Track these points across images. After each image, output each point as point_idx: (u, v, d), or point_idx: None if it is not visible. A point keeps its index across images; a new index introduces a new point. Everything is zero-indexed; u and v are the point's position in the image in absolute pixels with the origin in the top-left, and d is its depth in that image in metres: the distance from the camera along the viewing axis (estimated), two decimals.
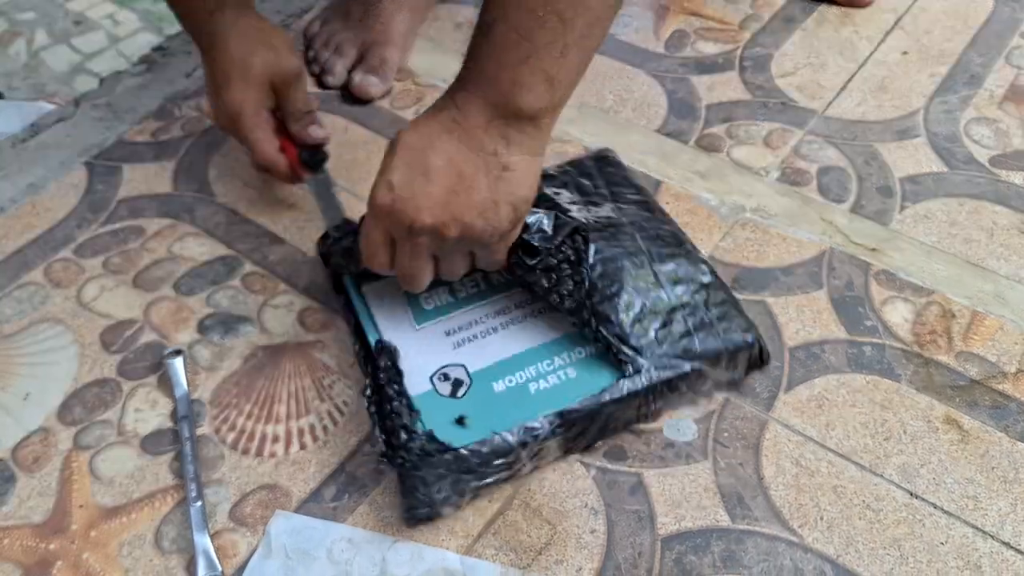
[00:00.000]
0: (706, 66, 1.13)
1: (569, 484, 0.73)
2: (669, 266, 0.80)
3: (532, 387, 0.74)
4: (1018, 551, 0.69)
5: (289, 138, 0.91)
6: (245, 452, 0.76)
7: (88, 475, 0.75)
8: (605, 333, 0.74)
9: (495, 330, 0.78)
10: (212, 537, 0.70)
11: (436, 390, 0.74)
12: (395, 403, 0.71)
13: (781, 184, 0.97)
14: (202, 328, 0.85)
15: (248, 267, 0.90)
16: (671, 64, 1.14)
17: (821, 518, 0.71)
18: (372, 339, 0.77)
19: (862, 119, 1.05)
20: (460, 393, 0.74)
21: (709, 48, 1.16)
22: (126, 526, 0.71)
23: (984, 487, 0.73)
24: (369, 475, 0.74)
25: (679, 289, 0.79)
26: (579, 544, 0.70)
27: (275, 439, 0.77)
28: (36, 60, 1.42)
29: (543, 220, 0.75)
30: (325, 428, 0.77)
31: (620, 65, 1.13)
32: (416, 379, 0.74)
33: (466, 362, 0.76)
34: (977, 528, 0.71)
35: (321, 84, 1.11)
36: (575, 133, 1.04)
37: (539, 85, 0.65)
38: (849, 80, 1.09)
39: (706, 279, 0.80)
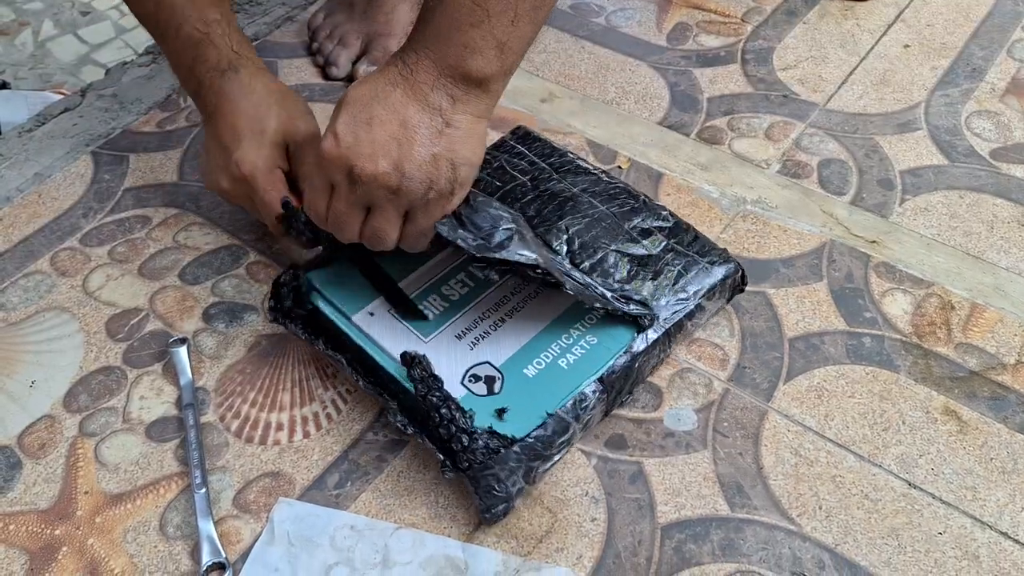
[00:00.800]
0: (708, 59, 1.14)
1: (570, 473, 0.74)
2: (635, 220, 0.84)
3: (562, 362, 0.75)
4: (1016, 541, 0.70)
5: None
6: (249, 440, 0.77)
7: (93, 462, 0.75)
8: (609, 298, 0.76)
9: (503, 321, 0.78)
10: (216, 524, 0.71)
11: (472, 392, 0.73)
12: (443, 410, 0.69)
13: (782, 176, 0.98)
14: (207, 317, 0.86)
15: (253, 256, 0.91)
16: (673, 57, 1.14)
17: (820, 507, 0.72)
18: (384, 363, 0.74)
19: (863, 112, 1.05)
20: (496, 388, 0.73)
21: (711, 41, 1.16)
22: (131, 512, 0.72)
23: (982, 478, 0.73)
24: (372, 463, 0.75)
25: (652, 238, 0.82)
26: (580, 532, 0.71)
27: (279, 427, 0.77)
28: (43, 50, 1.42)
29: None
30: (329, 416, 0.78)
31: (623, 58, 1.14)
32: (448, 387, 0.71)
33: (489, 358, 0.75)
34: (975, 518, 0.71)
35: (325, 76, 1.11)
36: (578, 125, 1.04)
37: (490, 51, 0.67)
38: (851, 73, 1.10)
39: (670, 222, 0.84)
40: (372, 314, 0.78)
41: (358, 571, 0.68)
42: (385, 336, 0.76)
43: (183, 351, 0.81)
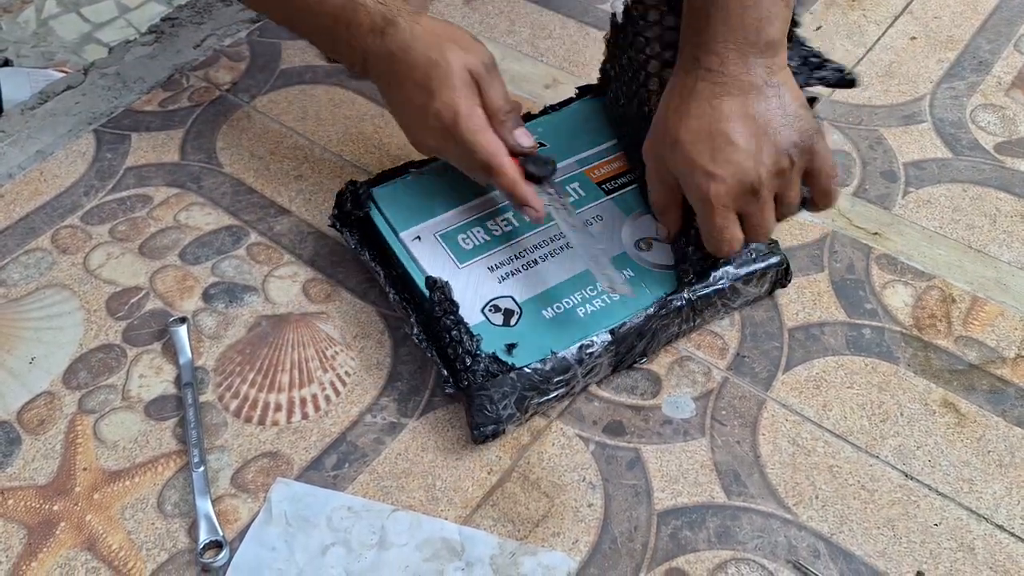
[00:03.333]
0: None
1: (568, 458, 0.74)
2: None
3: (580, 311, 0.78)
4: (1011, 534, 0.70)
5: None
6: (248, 420, 0.77)
7: (92, 438, 0.76)
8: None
9: (536, 262, 0.81)
10: (214, 502, 0.71)
11: (489, 320, 0.77)
12: (454, 332, 0.74)
13: None
14: (207, 297, 0.86)
15: (254, 237, 0.91)
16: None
17: (816, 497, 0.72)
18: (419, 280, 0.79)
19: (868, 103, 1.05)
20: (513, 321, 0.77)
21: None
22: (129, 489, 0.72)
23: (979, 470, 0.74)
24: (370, 445, 0.75)
25: None
26: (576, 517, 0.71)
27: (277, 407, 0.77)
28: (45, 28, 1.42)
29: None
30: (327, 398, 0.78)
31: None
32: (467, 312, 0.77)
33: (513, 293, 0.79)
34: (971, 510, 0.71)
35: (330, 58, 1.11)
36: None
37: (778, 9, 0.72)
38: (856, 64, 1.10)
39: None
40: (419, 238, 0.82)
41: (355, 552, 0.68)
42: (425, 257, 0.81)
43: (183, 330, 0.82)
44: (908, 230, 0.91)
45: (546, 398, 0.75)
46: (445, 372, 0.74)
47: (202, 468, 0.72)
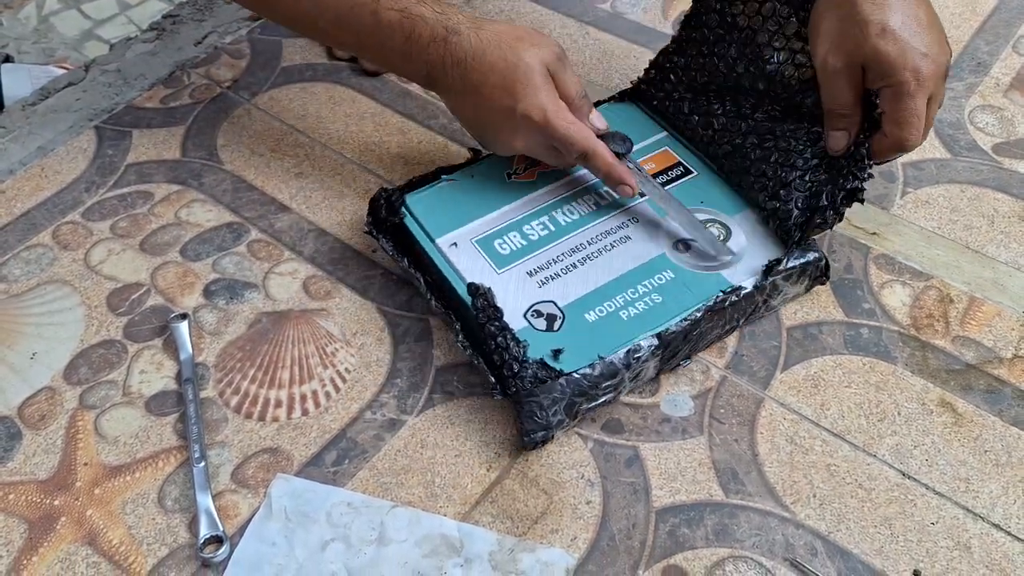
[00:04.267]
0: None
1: (566, 455, 0.74)
2: None
3: (623, 314, 0.77)
4: (1008, 533, 0.70)
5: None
6: (248, 416, 0.77)
7: (93, 434, 0.76)
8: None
9: (575, 266, 0.81)
10: (214, 498, 0.71)
11: (532, 326, 0.77)
12: (499, 338, 0.74)
13: None
14: (208, 293, 0.86)
15: (254, 234, 0.91)
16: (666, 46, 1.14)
17: (814, 495, 0.72)
18: (458, 286, 0.79)
19: None
20: (556, 326, 0.77)
21: None
22: (130, 484, 0.73)
23: (976, 469, 0.74)
24: (370, 442, 0.75)
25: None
26: (575, 514, 0.71)
27: (278, 404, 0.78)
28: (46, 25, 1.42)
29: None
30: (327, 395, 0.78)
31: (627, 44, 1.13)
32: (510, 318, 0.76)
33: (555, 298, 0.79)
34: (968, 509, 0.72)
35: (331, 55, 1.11)
36: None
37: None
38: None
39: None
40: (456, 244, 0.83)
41: (354, 547, 0.68)
42: (463, 263, 0.81)
43: (184, 326, 0.82)
44: (906, 230, 0.91)
45: (594, 403, 0.75)
46: (492, 379, 0.74)
47: (203, 464, 0.72)
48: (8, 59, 1.22)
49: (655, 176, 0.88)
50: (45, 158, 0.99)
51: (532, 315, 0.77)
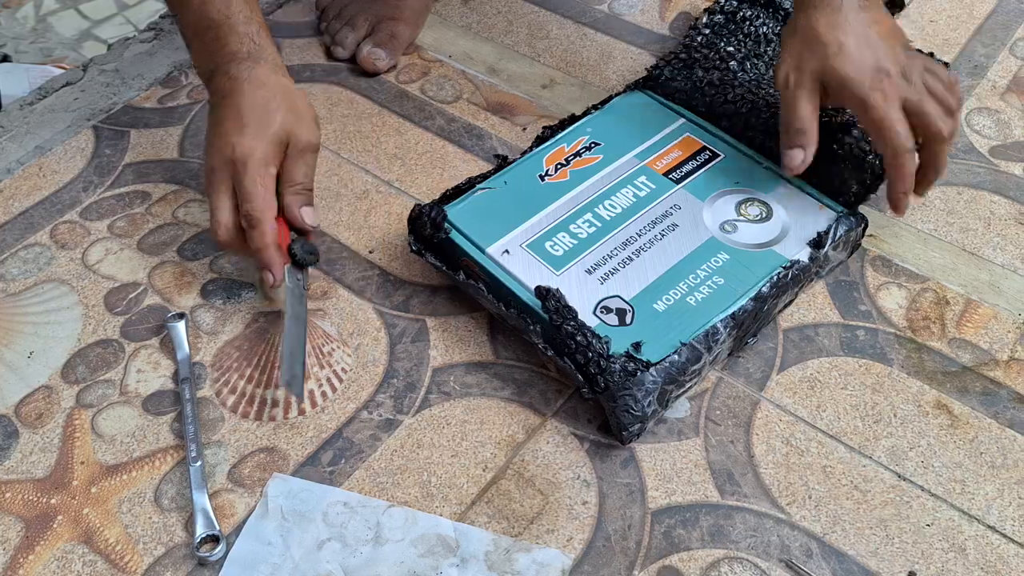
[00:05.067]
0: None
1: (562, 456, 0.75)
2: None
3: (690, 300, 0.78)
4: (1003, 535, 0.70)
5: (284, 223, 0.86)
6: (245, 415, 0.77)
7: (90, 433, 0.76)
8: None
9: (631, 259, 0.82)
10: (210, 497, 0.71)
11: (604, 322, 0.77)
12: (579, 337, 0.74)
13: None
14: (205, 293, 0.86)
15: None
16: (675, 46, 1.14)
17: (809, 497, 0.72)
18: (521, 293, 0.79)
19: None
20: (628, 320, 0.77)
21: None
22: (126, 483, 0.73)
23: (972, 472, 0.74)
24: (366, 441, 0.75)
25: None
26: (570, 515, 0.71)
27: (274, 403, 0.78)
28: (44, 24, 1.42)
29: None
30: (324, 394, 0.78)
31: (624, 46, 1.14)
32: (580, 318, 0.76)
33: (619, 292, 0.79)
34: (963, 511, 0.72)
35: (330, 55, 1.12)
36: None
37: None
38: None
39: None
40: (507, 251, 0.82)
41: (350, 547, 0.69)
42: (519, 269, 0.81)
43: (181, 326, 0.82)
44: (903, 232, 0.91)
45: (682, 390, 0.76)
46: (580, 378, 0.74)
47: (199, 463, 0.73)
48: (6, 59, 1.22)
49: (667, 174, 0.89)
50: (43, 157, 0.99)
51: (601, 312, 0.77)
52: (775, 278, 0.79)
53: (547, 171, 0.89)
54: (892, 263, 0.89)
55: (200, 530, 0.69)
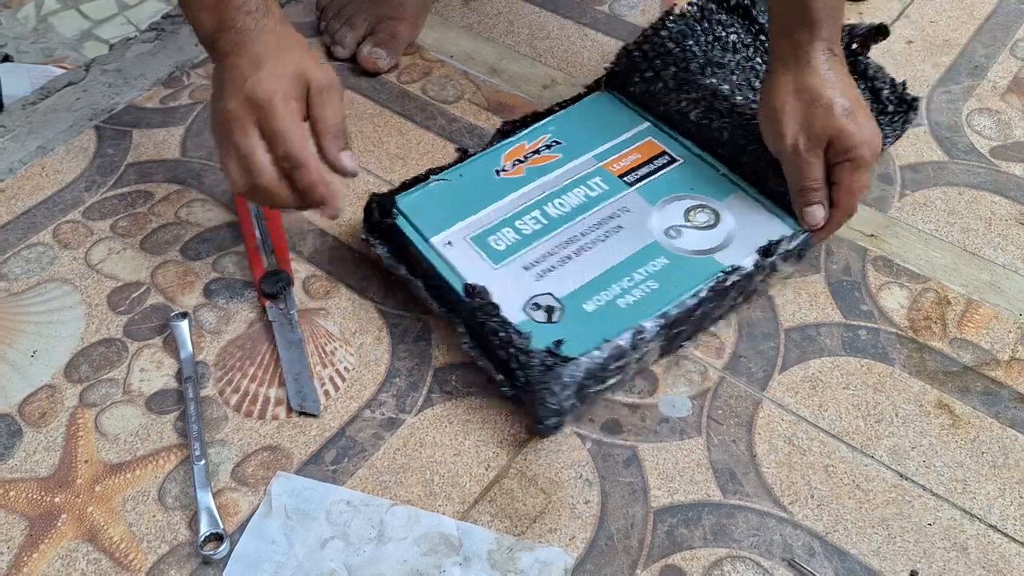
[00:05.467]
0: None
1: (565, 455, 0.75)
2: None
3: (621, 302, 0.79)
4: (1004, 534, 0.70)
5: (260, 260, 0.87)
6: (248, 414, 0.77)
7: (93, 431, 0.76)
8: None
9: (570, 258, 0.82)
10: (214, 495, 0.71)
11: (532, 319, 0.77)
12: (501, 333, 0.75)
13: None
14: (207, 292, 0.86)
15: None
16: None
17: (811, 496, 0.73)
18: (456, 285, 0.80)
19: None
20: (555, 317, 0.78)
21: None
22: (130, 482, 0.73)
23: (973, 471, 0.74)
24: (369, 440, 0.75)
25: None
26: (573, 514, 0.71)
27: (278, 402, 0.78)
28: (45, 25, 1.42)
29: None
30: (327, 393, 0.78)
31: None
32: (509, 313, 0.77)
33: (552, 290, 0.80)
34: (965, 511, 0.72)
35: (330, 55, 1.12)
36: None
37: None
38: None
39: None
40: (450, 243, 0.83)
41: (353, 545, 0.69)
42: (459, 261, 0.81)
43: (184, 325, 0.82)
44: (904, 232, 0.92)
45: (603, 386, 0.76)
46: (500, 376, 0.75)
47: (203, 461, 0.73)
48: (7, 59, 1.22)
49: (622, 176, 0.89)
50: (45, 157, 0.99)
51: (531, 308, 0.78)
52: (714, 282, 0.79)
53: (504, 167, 0.90)
54: (893, 263, 0.89)
55: (204, 528, 0.69)
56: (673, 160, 0.90)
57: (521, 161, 0.91)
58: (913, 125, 1.03)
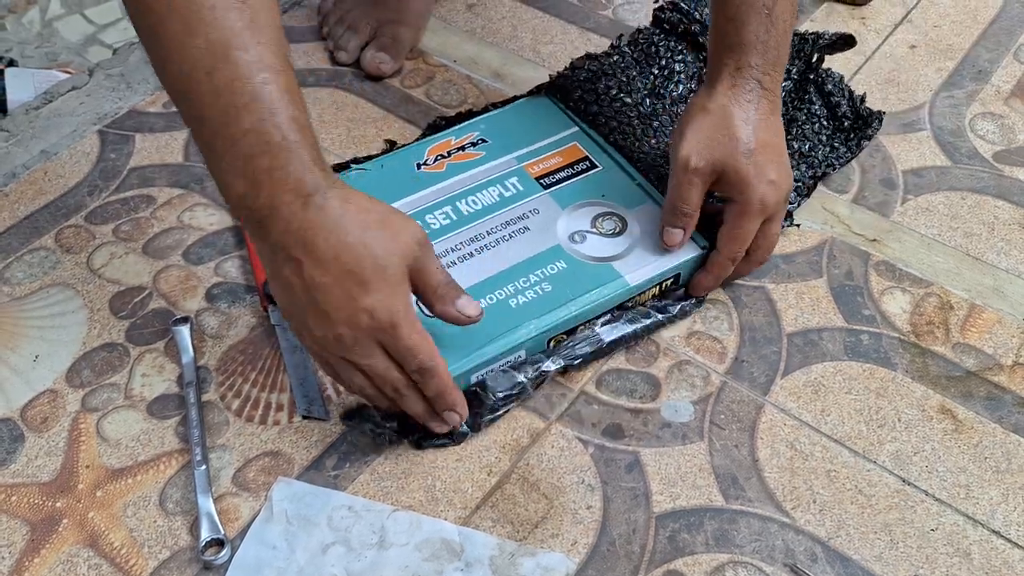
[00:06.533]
0: None
1: (567, 460, 0.75)
2: None
3: (512, 302, 0.79)
4: (1007, 539, 0.70)
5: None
6: (249, 419, 0.77)
7: (95, 436, 0.76)
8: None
9: (471, 255, 0.83)
10: (215, 501, 0.71)
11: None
12: None
13: None
14: (210, 297, 0.86)
15: None
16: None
17: (814, 501, 0.72)
18: None
19: None
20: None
21: None
22: (131, 487, 0.73)
23: (976, 476, 0.74)
24: (370, 445, 0.75)
25: None
26: (575, 519, 0.71)
27: (279, 407, 0.78)
28: (49, 29, 1.42)
29: None
30: (328, 398, 0.78)
31: None
32: None
33: None
34: (968, 516, 0.72)
35: (333, 60, 1.12)
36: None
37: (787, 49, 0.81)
38: (856, 72, 1.10)
39: None
40: None
41: (355, 551, 0.69)
42: None
43: (186, 330, 0.82)
44: (906, 237, 0.91)
45: (497, 414, 0.77)
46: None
47: (204, 467, 0.73)
48: (12, 63, 1.22)
49: (539, 178, 0.90)
50: (48, 162, 0.99)
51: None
52: (609, 315, 0.81)
53: (426, 160, 0.91)
54: (896, 268, 0.89)
55: (205, 534, 0.69)
56: (593, 166, 0.91)
57: (444, 156, 0.92)
58: (915, 129, 1.03)
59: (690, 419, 0.77)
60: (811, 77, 0.99)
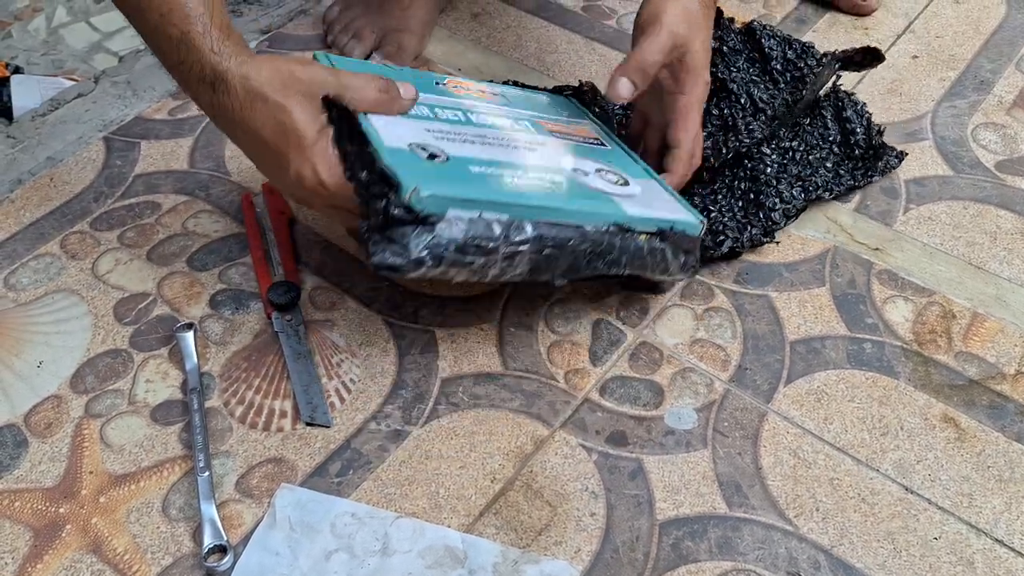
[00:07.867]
0: None
1: (571, 467, 0.75)
2: None
3: (508, 179, 0.74)
4: (1011, 548, 0.70)
5: (267, 271, 0.86)
6: (253, 426, 0.77)
7: (99, 442, 0.76)
8: None
9: (473, 142, 0.78)
10: (218, 507, 0.71)
11: (414, 153, 0.71)
12: (364, 175, 0.70)
13: None
14: (214, 303, 0.86)
15: None
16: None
17: (817, 509, 0.72)
18: (380, 148, 0.72)
19: None
20: (436, 162, 0.72)
21: None
22: (134, 493, 0.73)
23: (979, 485, 0.74)
24: (374, 452, 0.75)
25: None
26: (578, 526, 0.71)
27: (282, 414, 0.78)
28: (55, 37, 1.43)
29: None
30: (332, 405, 0.79)
31: None
32: (392, 141, 0.72)
33: (446, 150, 0.74)
34: (971, 525, 0.72)
35: None
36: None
37: None
38: (859, 82, 1.10)
39: None
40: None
41: (358, 558, 0.69)
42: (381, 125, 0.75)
43: (190, 336, 0.82)
44: (909, 246, 0.92)
45: (464, 259, 0.70)
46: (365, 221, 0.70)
47: (207, 473, 0.73)
48: (18, 70, 1.22)
49: (569, 135, 0.86)
50: (54, 168, 0.99)
51: (417, 147, 0.72)
52: (605, 228, 0.75)
53: (445, 82, 0.87)
54: (898, 276, 0.89)
55: (208, 540, 0.69)
56: (602, 145, 0.88)
57: (464, 89, 0.88)
58: (918, 139, 1.03)
59: (693, 427, 0.77)
60: (830, 98, 0.99)
